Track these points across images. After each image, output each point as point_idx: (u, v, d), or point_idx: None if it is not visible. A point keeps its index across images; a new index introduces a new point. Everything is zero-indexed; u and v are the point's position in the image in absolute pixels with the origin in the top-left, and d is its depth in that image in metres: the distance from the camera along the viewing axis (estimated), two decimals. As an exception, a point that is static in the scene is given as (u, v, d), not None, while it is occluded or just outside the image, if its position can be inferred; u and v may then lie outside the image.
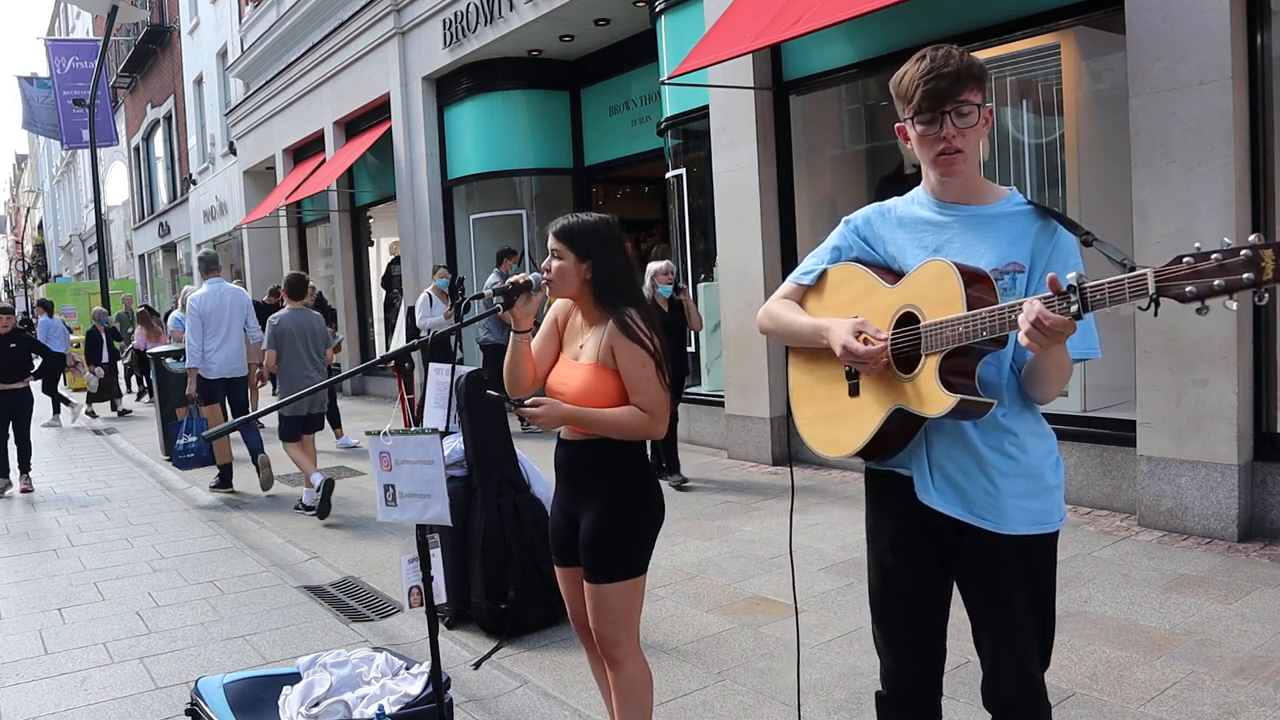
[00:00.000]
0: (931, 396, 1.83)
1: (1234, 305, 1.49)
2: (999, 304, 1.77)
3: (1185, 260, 1.51)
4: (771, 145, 7.50)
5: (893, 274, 2.00)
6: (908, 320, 1.89)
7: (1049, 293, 1.66)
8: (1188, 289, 1.50)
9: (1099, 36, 5.90)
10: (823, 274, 2.12)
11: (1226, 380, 4.75)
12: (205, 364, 7.48)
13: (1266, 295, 1.48)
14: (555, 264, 2.52)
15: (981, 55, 5.95)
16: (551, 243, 2.53)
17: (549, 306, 2.74)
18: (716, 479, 7.07)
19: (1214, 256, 1.48)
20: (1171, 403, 4.94)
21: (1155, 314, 1.57)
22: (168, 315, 13.86)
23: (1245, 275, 1.46)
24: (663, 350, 2.51)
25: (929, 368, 1.84)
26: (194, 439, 7.53)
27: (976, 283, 1.82)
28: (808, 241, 7.53)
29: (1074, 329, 1.66)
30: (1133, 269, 1.58)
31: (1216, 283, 1.47)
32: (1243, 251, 1.46)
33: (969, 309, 1.78)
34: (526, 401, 2.45)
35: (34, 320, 14.97)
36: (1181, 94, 4.82)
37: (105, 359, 14.65)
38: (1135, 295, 1.56)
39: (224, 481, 7.81)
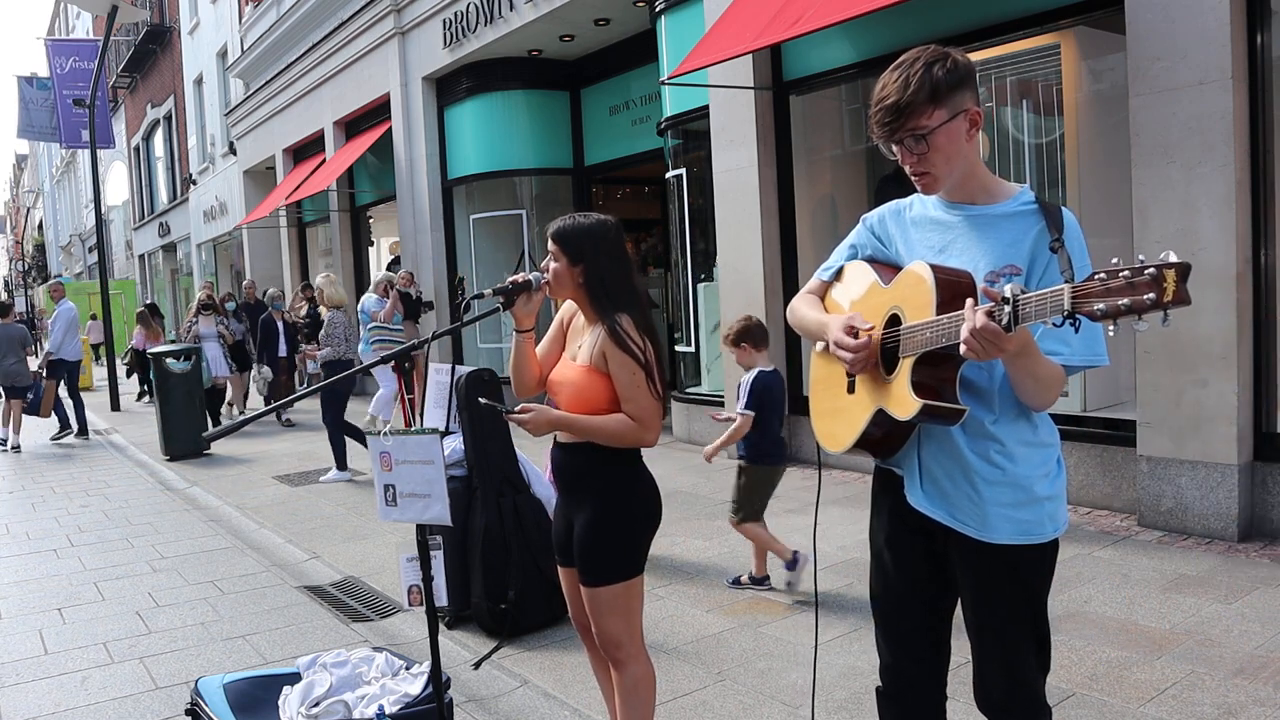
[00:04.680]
0: (901, 399, 1.84)
1: (1143, 326, 1.42)
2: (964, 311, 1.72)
3: (1098, 277, 1.46)
4: (771, 145, 7.50)
5: (896, 273, 2.01)
6: (896, 321, 1.90)
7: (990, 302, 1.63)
8: (1097, 307, 1.45)
9: (1099, 36, 5.90)
10: (840, 271, 2.15)
11: (1226, 380, 4.75)
12: (66, 352, 11.59)
13: (1170, 316, 1.42)
14: (551, 265, 2.52)
15: (981, 55, 6.01)
16: (549, 244, 2.54)
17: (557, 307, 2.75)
18: (716, 479, 7.06)
19: (1123, 275, 1.43)
20: (1171, 403, 4.95)
21: (1077, 330, 1.54)
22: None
23: (1148, 296, 1.41)
24: (652, 357, 2.49)
25: (904, 370, 1.84)
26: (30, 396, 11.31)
27: (953, 287, 1.80)
28: (808, 241, 7.53)
29: (1008, 340, 1.61)
30: (1070, 280, 1.54)
31: (1122, 302, 1.43)
32: (1148, 271, 1.41)
33: (939, 314, 1.77)
34: (516, 409, 2.45)
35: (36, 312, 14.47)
36: (1181, 94, 4.81)
37: (283, 353, 11.90)
38: (1055, 311, 1.52)
39: (64, 429, 11.49)
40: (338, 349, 7.89)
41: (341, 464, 7.91)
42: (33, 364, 11.45)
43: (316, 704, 2.97)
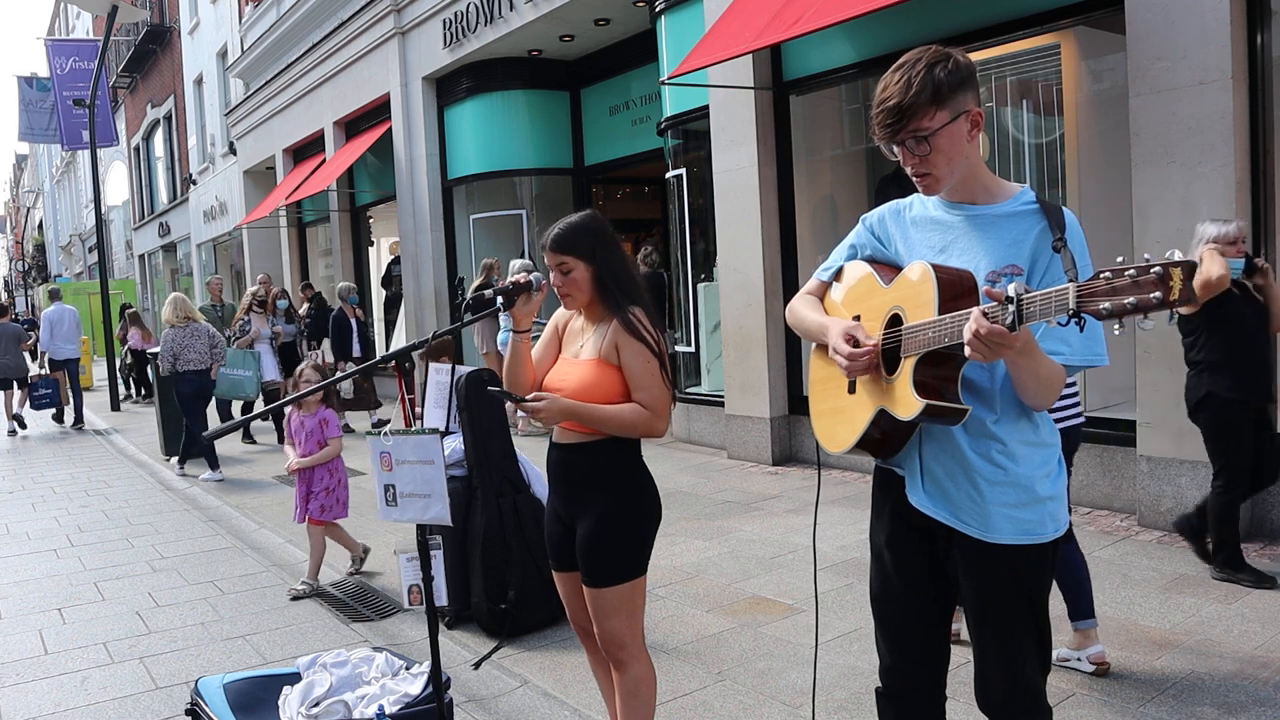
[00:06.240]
0: (904, 400, 1.84)
1: (1149, 325, 1.43)
2: (968, 310, 1.72)
3: (1103, 276, 1.46)
4: (771, 145, 7.50)
5: (896, 273, 2.01)
6: (897, 321, 1.89)
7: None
8: (1102, 306, 1.45)
9: (1099, 36, 5.90)
10: (839, 271, 2.15)
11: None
12: (53, 350, 12.89)
13: (1177, 315, 1.42)
14: (568, 276, 2.50)
15: (981, 55, 6.01)
16: (553, 259, 2.51)
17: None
18: (716, 479, 7.07)
19: (1128, 273, 1.43)
20: (1171, 403, 4.94)
21: (1082, 329, 1.53)
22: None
23: (1154, 295, 1.41)
24: (664, 348, 2.50)
25: (905, 370, 1.84)
26: (49, 391, 12.79)
27: (954, 286, 1.80)
28: (808, 241, 7.53)
29: (1012, 340, 1.61)
30: (1074, 280, 1.54)
31: (1128, 301, 1.42)
32: (1153, 269, 1.41)
33: (941, 313, 1.76)
34: (528, 396, 2.44)
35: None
36: (1181, 94, 4.81)
37: (358, 352, 10.63)
38: (1059, 310, 1.52)
39: (59, 418, 13.09)
40: (166, 363, 8.43)
41: (214, 464, 8.39)
42: (32, 364, 11.73)
43: (316, 704, 2.97)
